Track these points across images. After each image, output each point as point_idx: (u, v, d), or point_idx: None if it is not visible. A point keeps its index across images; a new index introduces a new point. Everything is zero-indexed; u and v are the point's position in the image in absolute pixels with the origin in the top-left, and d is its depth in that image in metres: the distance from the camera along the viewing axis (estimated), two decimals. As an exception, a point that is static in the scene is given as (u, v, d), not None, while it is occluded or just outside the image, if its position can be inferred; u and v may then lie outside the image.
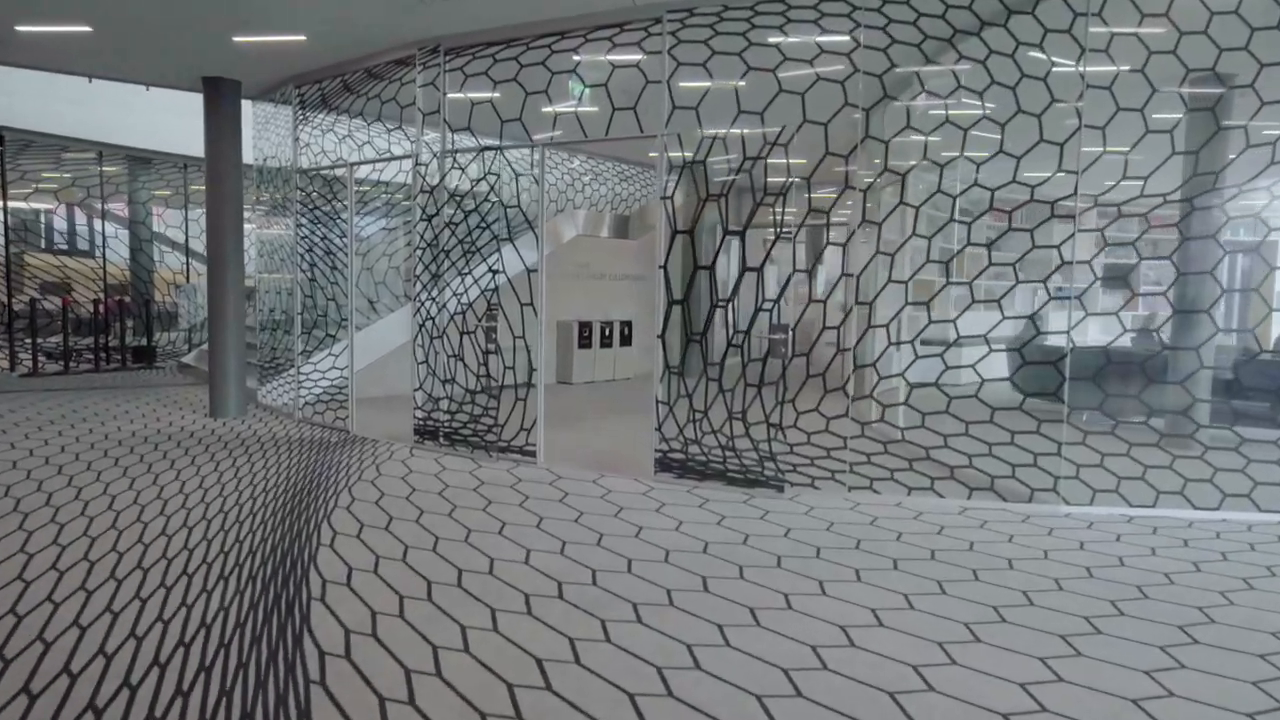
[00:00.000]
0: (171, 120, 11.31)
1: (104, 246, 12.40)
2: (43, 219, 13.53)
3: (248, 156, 8.86)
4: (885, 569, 3.95)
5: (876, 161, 5.22)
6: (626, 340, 12.02)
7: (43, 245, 13.43)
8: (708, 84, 5.26)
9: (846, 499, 5.18)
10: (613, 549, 4.19)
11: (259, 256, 9.17)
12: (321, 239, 7.75)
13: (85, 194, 12.04)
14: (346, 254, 7.42)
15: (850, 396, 5.28)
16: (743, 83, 5.16)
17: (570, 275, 11.41)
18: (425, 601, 3.46)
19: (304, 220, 7.84)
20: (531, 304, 6.07)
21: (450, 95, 6.31)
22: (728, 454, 5.48)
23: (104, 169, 12.03)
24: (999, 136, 4.86)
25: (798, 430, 5.31)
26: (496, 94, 6.07)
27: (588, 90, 6.33)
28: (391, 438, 6.96)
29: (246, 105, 8.81)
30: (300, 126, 7.76)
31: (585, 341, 11.41)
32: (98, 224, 12.51)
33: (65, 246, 13.54)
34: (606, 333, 11.69)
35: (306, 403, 7.92)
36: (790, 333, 5.13)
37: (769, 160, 5.12)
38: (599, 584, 3.70)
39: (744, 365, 5.32)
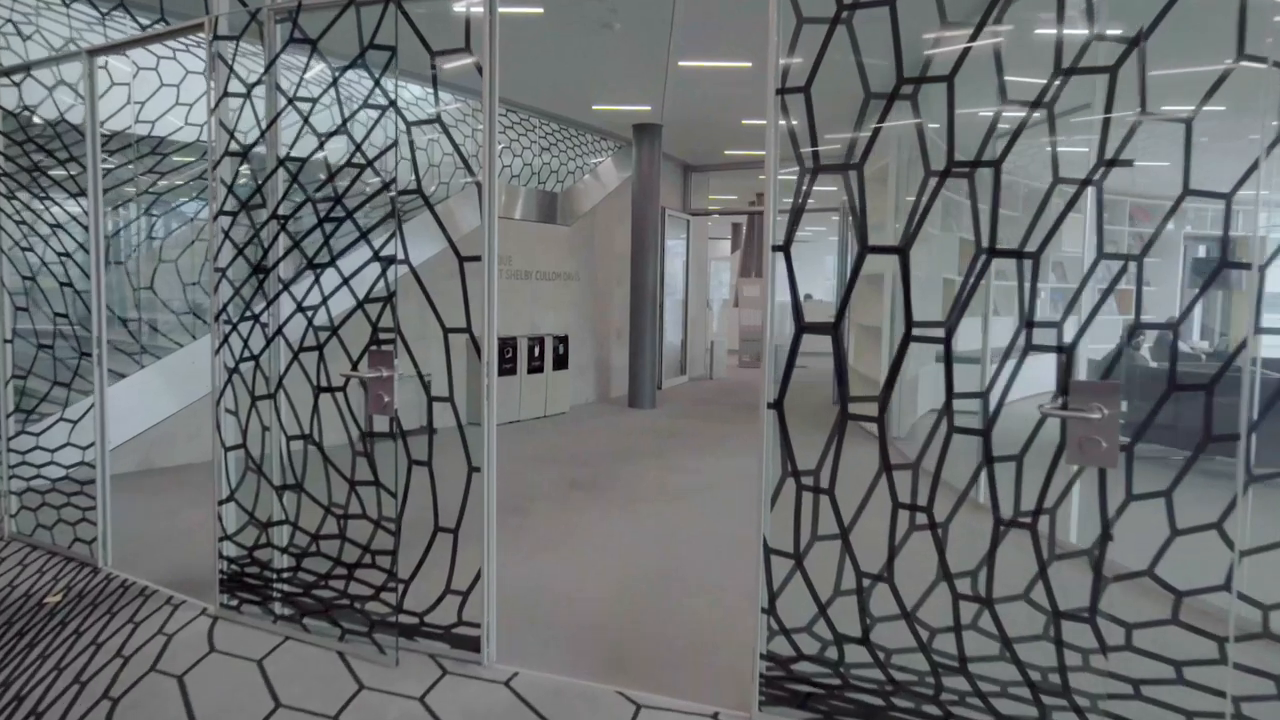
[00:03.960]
0: None
1: None
2: None
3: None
4: None
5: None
6: (561, 361, 8.83)
7: None
8: None
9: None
10: None
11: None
12: (44, 209, 4.18)
13: None
14: (90, 237, 3.89)
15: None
16: None
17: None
18: None
19: (6, 175, 4.24)
20: (468, 329, 2.88)
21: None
22: (939, 662, 2.47)
23: None
24: None
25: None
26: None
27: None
28: (179, 584, 3.55)
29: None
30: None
31: (508, 365, 8.14)
32: None
33: None
34: (536, 352, 8.46)
35: (23, 505, 4.31)
36: (1118, 396, 2.17)
37: (1066, 25, 2.15)
38: None
39: (988, 465, 2.33)
